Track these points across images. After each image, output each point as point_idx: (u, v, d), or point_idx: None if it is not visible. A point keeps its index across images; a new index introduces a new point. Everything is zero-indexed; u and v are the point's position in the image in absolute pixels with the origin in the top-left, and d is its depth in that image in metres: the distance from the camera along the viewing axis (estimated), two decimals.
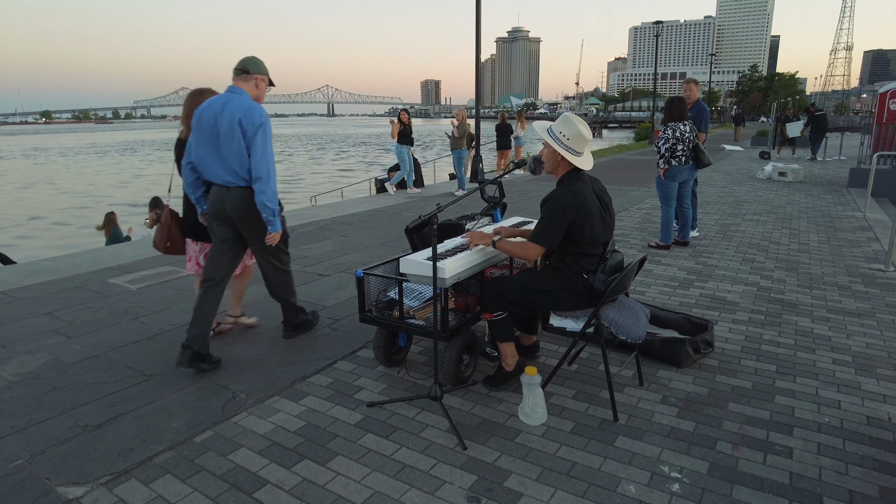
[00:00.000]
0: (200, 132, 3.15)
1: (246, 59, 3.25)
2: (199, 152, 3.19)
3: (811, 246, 6.23)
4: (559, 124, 2.69)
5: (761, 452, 2.47)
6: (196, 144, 3.19)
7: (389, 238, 6.84)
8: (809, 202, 9.29)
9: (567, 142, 2.64)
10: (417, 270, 2.70)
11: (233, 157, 3.11)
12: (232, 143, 3.07)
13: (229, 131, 3.06)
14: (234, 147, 3.08)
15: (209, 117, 3.11)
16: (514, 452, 2.46)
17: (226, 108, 3.07)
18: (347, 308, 4.32)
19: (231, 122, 3.05)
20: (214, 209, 3.25)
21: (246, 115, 3.05)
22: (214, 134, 3.10)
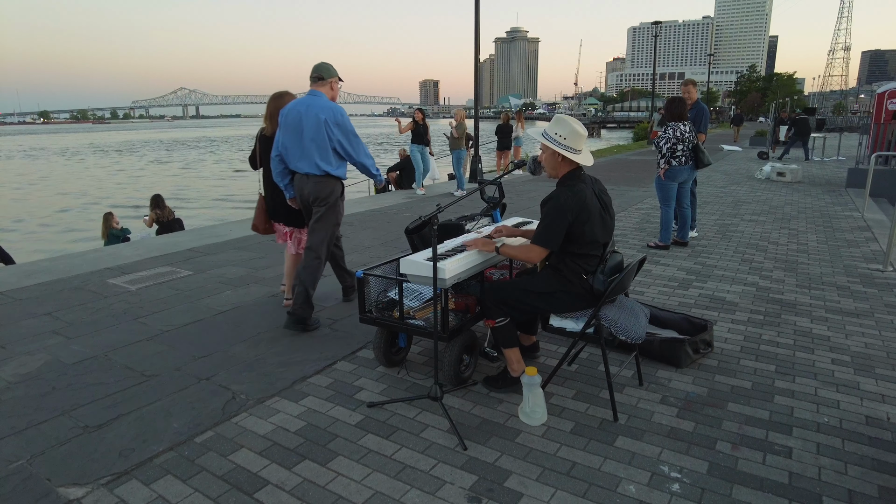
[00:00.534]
0: (287, 129, 3.69)
1: (319, 66, 3.75)
2: (285, 145, 3.72)
3: (810, 246, 6.24)
4: (553, 126, 2.69)
5: (761, 452, 2.47)
6: (283, 139, 3.72)
7: (389, 238, 6.84)
8: (808, 202, 9.31)
9: (564, 141, 2.65)
10: (417, 271, 2.70)
11: (314, 149, 3.64)
12: (316, 137, 3.61)
13: (314, 127, 3.60)
14: (318, 141, 3.62)
15: (294, 117, 3.63)
16: (514, 452, 2.46)
17: (310, 109, 3.61)
18: (347, 309, 4.32)
19: (317, 121, 3.59)
20: (298, 194, 3.84)
21: (329, 114, 3.62)
22: (299, 130, 3.63)
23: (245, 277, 5.17)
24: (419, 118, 10.44)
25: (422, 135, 10.41)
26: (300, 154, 3.67)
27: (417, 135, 10.42)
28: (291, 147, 3.69)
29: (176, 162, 43.91)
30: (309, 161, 3.67)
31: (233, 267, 5.53)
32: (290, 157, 3.72)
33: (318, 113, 3.60)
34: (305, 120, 3.60)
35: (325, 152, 3.66)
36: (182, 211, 10.98)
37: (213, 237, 6.92)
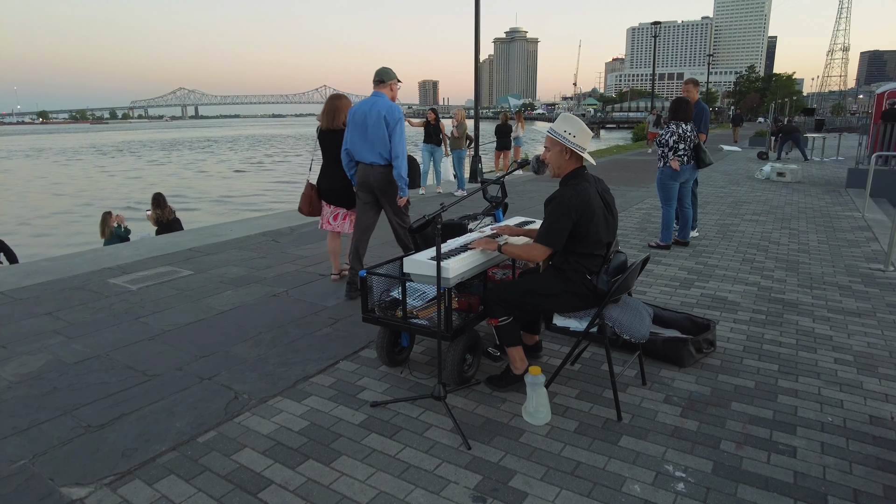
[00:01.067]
0: (353, 125, 4.29)
1: (381, 71, 4.32)
2: (352, 140, 4.32)
3: (811, 246, 6.24)
4: (562, 124, 2.69)
5: (765, 451, 2.47)
6: (350, 135, 4.33)
7: (389, 237, 6.82)
8: (808, 202, 9.31)
9: (574, 139, 2.65)
10: (421, 270, 2.70)
11: (378, 143, 4.23)
12: (378, 132, 4.19)
13: (376, 124, 4.18)
14: (380, 135, 4.20)
15: (360, 115, 4.24)
16: (518, 452, 2.46)
17: (373, 108, 4.20)
18: (349, 308, 4.31)
19: (378, 118, 4.17)
20: (361, 181, 4.39)
21: (389, 113, 4.18)
22: (364, 126, 4.23)
23: (246, 277, 5.16)
24: (431, 118, 10.41)
25: (433, 135, 10.38)
26: (366, 147, 4.28)
27: (429, 135, 10.39)
28: (358, 141, 4.30)
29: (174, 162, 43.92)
30: (373, 152, 4.27)
31: (233, 267, 5.52)
32: (357, 150, 4.34)
33: (379, 110, 4.20)
34: (369, 118, 4.21)
35: (385, 144, 4.24)
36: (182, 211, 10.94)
37: (213, 237, 6.91)
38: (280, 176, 32.54)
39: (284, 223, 7.77)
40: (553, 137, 2.68)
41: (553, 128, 2.70)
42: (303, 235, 7.03)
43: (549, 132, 2.69)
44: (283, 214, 8.80)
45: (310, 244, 6.53)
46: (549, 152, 2.73)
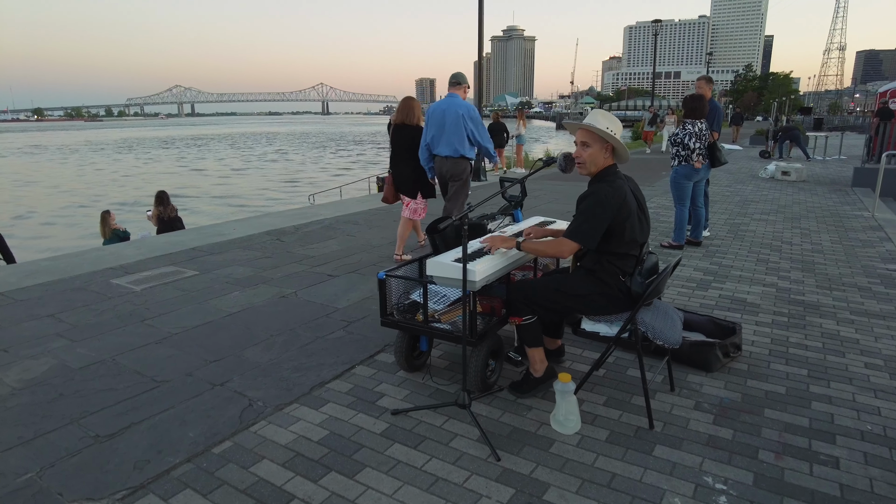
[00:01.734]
0: (432, 123, 5.01)
1: (457, 74, 5.16)
2: (432, 136, 5.04)
3: (824, 246, 6.15)
4: (603, 120, 2.56)
5: (806, 462, 2.37)
6: (429, 132, 5.05)
7: (397, 237, 6.71)
8: (815, 201, 9.23)
9: (615, 136, 2.54)
10: (445, 273, 2.59)
11: (455, 138, 4.95)
12: (456, 129, 4.91)
13: (455, 121, 4.91)
14: (458, 132, 4.92)
15: (439, 114, 4.97)
16: (550, 463, 2.35)
17: (450, 107, 4.94)
18: (361, 310, 4.20)
19: (457, 116, 4.90)
20: (439, 172, 5.18)
21: (467, 112, 4.94)
22: (441, 124, 4.96)
23: (252, 278, 5.04)
24: None
25: None
26: (442, 142, 5.00)
27: None
28: (436, 136, 5.02)
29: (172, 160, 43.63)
30: (449, 146, 4.99)
31: (239, 267, 5.40)
32: (435, 144, 5.06)
33: (456, 110, 4.92)
34: (447, 116, 4.92)
35: (461, 139, 4.96)
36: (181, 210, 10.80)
37: (216, 236, 6.78)
38: (279, 174, 32.38)
39: (288, 222, 7.65)
40: (595, 133, 2.57)
41: (593, 124, 2.57)
42: (308, 234, 6.91)
43: (592, 128, 2.57)
44: (286, 213, 8.68)
45: (315, 243, 6.41)
46: (589, 149, 2.59)
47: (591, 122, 2.58)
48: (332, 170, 34.30)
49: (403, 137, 5.30)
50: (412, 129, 5.28)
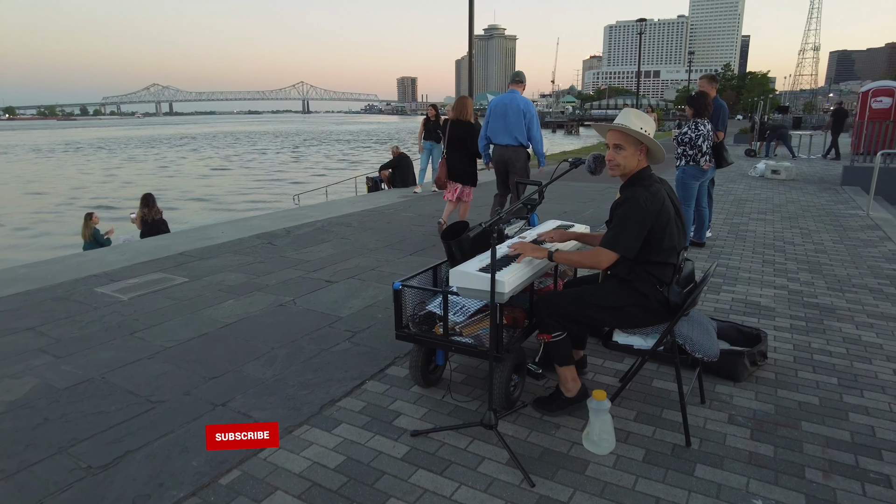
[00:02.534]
0: (495, 116, 5.61)
1: (518, 73, 5.82)
2: (493, 128, 5.66)
3: (826, 246, 6.10)
4: (637, 120, 2.41)
5: (857, 481, 2.24)
6: (492, 123, 5.65)
7: (394, 240, 6.51)
8: (809, 200, 9.23)
9: (651, 136, 2.39)
10: (471, 283, 2.40)
11: (515, 129, 5.54)
12: (519, 121, 5.50)
13: (516, 114, 5.51)
14: (518, 124, 5.50)
15: (501, 107, 5.59)
16: (588, 488, 2.18)
17: (512, 102, 5.57)
18: (365, 319, 3.99)
19: (517, 110, 5.51)
20: (497, 159, 5.79)
21: (527, 107, 5.55)
22: (503, 115, 5.56)
23: (246, 285, 4.80)
24: (432, 115, 10.09)
25: (432, 131, 10.05)
26: (504, 132, 5.60)
27: (429, 131, 10.06)
28: (497, 127, 5.62)
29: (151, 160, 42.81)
30: (510, 136, 5.59)
31: (231, 273, 5.16)
32: (495, 134, 5.66)
33: (518, 104, 5.57)
34: (509, 109, 5.56)
35: (521, 130, 5.56)
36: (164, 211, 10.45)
37: (204, 240, 6.51)
38: (262, 174, 31.88)
39: (278, 224, 7.39)
40: (630, 135, 2.41)
41: (626, 125, 2.41)
42: (300, 238, 6.67)
43: (625, 129, 2.41)
44: (276, 215, 8.42)
45: (309, 247, 6.18)
46: (623, 152, 2.43)
47: (625, 123, 2.42)
48: (317, 169, 33.88)
49: (458, 131, 6.24)
50: (465, 124, 6.24)
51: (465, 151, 6.25)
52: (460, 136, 6.21)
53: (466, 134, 6.17)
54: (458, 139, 6.23)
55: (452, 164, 6.39)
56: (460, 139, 6.21)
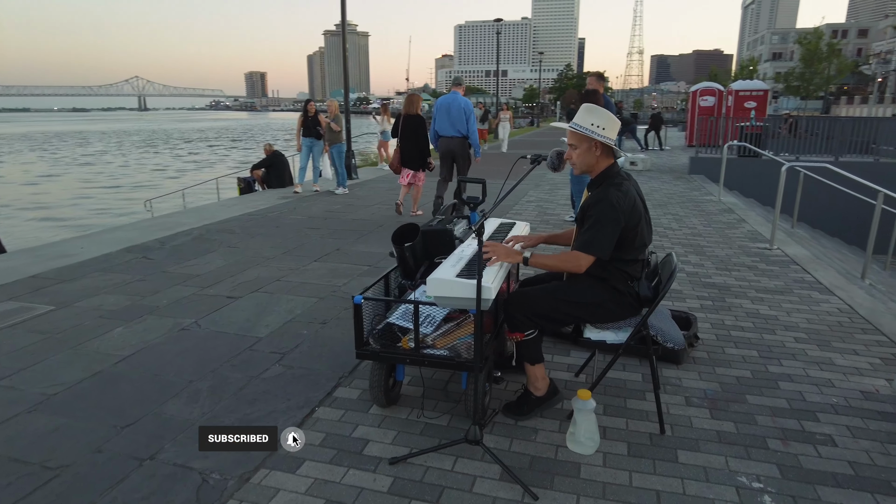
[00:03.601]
0: (440, 112, 6.76)
1: (458, 77, 7.35)
2: (439, 122, 6.78)
3: (700, 230, 6.76)
4: (588, 116, 2.39)
5: (810, 444, 2.44)
6: (437, 119, 6.78)
7: (289, 246, 6.03)
8: (669, 188, 10.23)
9: (603, 132, 2.37)
10: (453, 292, 2.22)
11: (458, 123, 6.70)
12: (460, 116, 6.67)
13: (458, 111, 6.67)
14: (461, 119, 6.66)
15: (445, 105, 6.74)
16: (589, 492, 2.13)
17: (455, 101, 6.75)
18: (289, 337, 3.60)
19: (459, 108, 6.68)
20: (444, 148, 6.90)
21: (466, 105, 6.73)
22: (447, 112, 6.73)
23: (132, 308, 4.12)
24: (311, 110, 9.49)
25: (312, 128, 9.46)
26: (449, 126, 6.81)
27: (307, 128, 9.45)
28: (443, 122, 6.81)
29: None
30: (454, 129, 6.79)
31: (109, 295, 4.40)
32: (442, 128, 6.86)
33: (459, 103, 6.78)
34: (452, 107, 6.77)
35: (462, 124, 6.78)
36: None
37: (59, 258, 5.50)
38: (101, 178, 28.26)
39: (148, 235, 6.50)
40: (579, 133, 2.38)
41: (577, 122, 2.39)
42: (178, 249, 5.92)
43: (574, 127, 2.38)
44: (142, 224, 7.41)
45: (192, 259, 5.49)
46: (576, 150, 2.42)
47: (576, 121, 2.41)
48: (169, 171, 30.84)
49: (410, 123, 7.08)
50: (416, 117, 7.09)
51: (416, 141, 7.10)
52: (412, 129, 7.06)
53: (417, 126, 7.06)
54: (410, 131, 7.07)
55: (406, 152, 7.18)
56: (413, 131, 7.06)
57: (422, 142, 7.08)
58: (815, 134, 13.52)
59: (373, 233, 6.62)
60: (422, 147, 7.10)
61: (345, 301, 4.24)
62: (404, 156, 7.19)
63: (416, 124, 7.03)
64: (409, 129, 7.03)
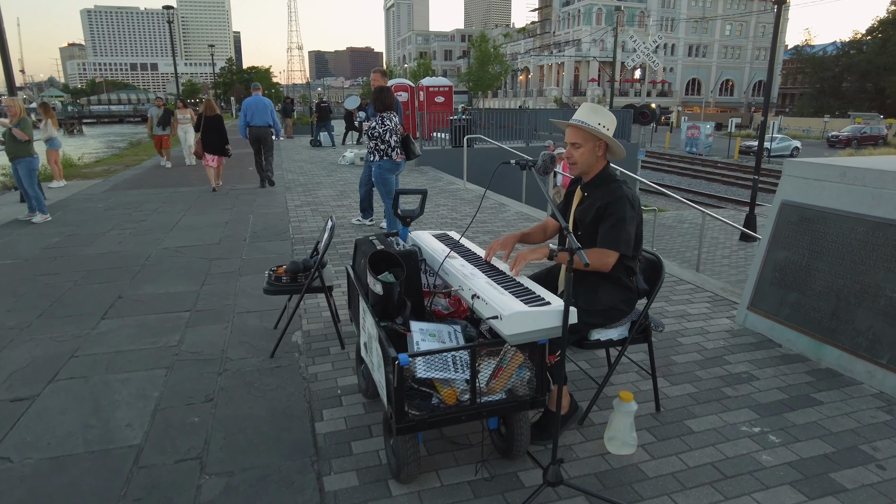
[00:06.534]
0: (250, 109, 9.31)
1: (257, 83, 10.23)
2: (250, 116, 9.32)
3: (480, 217, 7.37)
4: (594, 115, 2.38)
5: (745, 383, 2.97)
6: (249, 112, 9.29)
7: (37, 305, 4.28)
8: (415, 179, 10.79)
9: (609, 133, 2.38)
10: (536, 324, 1.93)
11: (265, 116, 9.41)
12: (266, 111, 9.40)
13: (264, 108, 9.40)
14: (266, 113, 9.40)
15: (254, 103, 9.33)
16: (670, 487, 2.19)
17: (260, 100, 9.42)
18: (181, 434, 2.61)
19: (265, 105, 9.44)
20: (256, 136, 9.45)
21: (269, 103, 9.52)
22: (256, 108, 9.34)
23: None
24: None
25: None
26: (259, 118, 9.31)
27: None
28: (256, 116, 9.30)
29: None
30: (262, 120, 9.35)
31: None
32: (252, 119, 9.29)
33: (264, 101, 9.41)
34: (258, 104, 9.31)
35: (268, 117, 9.41)
36: None
37: None
38: None
39: None
40: (587, 131, 2.35)
41: (584, 120, 2.35)
42: None
43: (583, 125, 2.34)
44: None
45: None
46: (580, 149, 2.37)
47: (583, 119, 2.38)
48: None
49: (212, 121, 9.34)
50: (216, 116, 9.39)
51: (218, 134, 9.34)
52: (215, 125, 9.38)
53: (218, 123, 9.41)
54: (213, 127, 9.37)
55: (209, 143, 9.34)
56: (215, 127, 9.38)
57: (222, 134, 9.35)
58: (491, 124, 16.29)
59: (145, 268, 5.22)
60: (222, 138, 9.37)
61: (207, 363, 3.29)
62: (208, 145, 9.35)
63: (217, 122, 9.39)
64: (212, 126, 9.37)
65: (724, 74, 68.88)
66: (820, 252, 3.28)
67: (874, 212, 3.04)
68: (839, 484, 2.21)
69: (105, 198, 9.22)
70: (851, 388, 2.93)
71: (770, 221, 3.64)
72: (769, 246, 3.61)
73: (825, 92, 57.26)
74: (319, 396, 2.89)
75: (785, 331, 3.44)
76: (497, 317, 1.93)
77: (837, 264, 3.18)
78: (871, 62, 51.91)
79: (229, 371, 3.18)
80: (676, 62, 66.56)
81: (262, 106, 9.30)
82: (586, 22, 63.61)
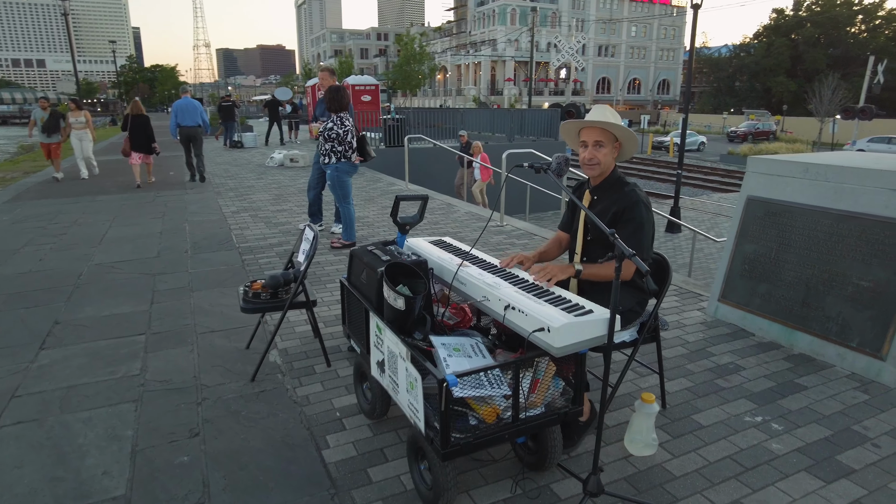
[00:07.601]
0: (181, 111, 10.04)
1: (186, 86, 11.43)
2: (181, 117, 10.04)
3: (433, 218, 7.28)
4: (612, 115, 2.37)
5: (734, 374, 3.09)
6: (179, 115, 10.02)
7: None
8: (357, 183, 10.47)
9: None
10: (583, 335, 1.87)
11: (196, 117, 10.17)
12: (196, 112, 10.17)
13: (193, 108, 10.14)
14: (196, 113, 10.18)
15: (184, 105, 10.07)
16: (699, 485, 2.22)
17: (190, 102, 10.19)
18: (170, 477, 2.34)
19: (195, 106, 10.22)
20: (186, 135, 10.17)
21: (198, 105, 10.42)
22: (187, 110, 10.09)
23: None
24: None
25: None
26: (189, 119, 10.04)
27: None
28: (186, 117, 10.01)
29: None
30: (193, 120, 10.07)
31: None
32: (183, 120, 9.99)
33: (194, 103, 10.17)
34: (188, 106, 10.04)
35: (199, 117, 10.16)
36: None
37: None
38: None
39: None
40: (612, 132, 2.34)
41: (612, 121, 2.33)
42: None
43: (611, 126, 2.33)
44: None
45: None
46: (604, 149, 2.35)
47: (610, 119, 2.36)
48: None
49: (139, 120, 9.73)
50: (143, 116, 9.79)
51: (145, 133, 9.75)
52: (142, 125, 9.73)
53: (145, 123, 9.78)
54: (140, 127, 9.72)
55: (137, 142, 9.68)
56: (142, 126, 9.73)
57: (149, 133, 9.78)
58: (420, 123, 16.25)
59: (79, 287, 4.69)
60: (149, 136, 9.80)
61: (181, 393, 2.99)
62: (136, 144, 9.72)
63: (144, 122, 9.77)
64: (139, 125, 9.75)
65: (632, 73, 72.74)
66: (788, 244, 3.47)
67: (838, 205, 3.25)
68: (847, 466, 2.33)
69: (8, 209, 8.26)
70: (827, 371, 3.12)
71: (736, 216, 3.81)
72: (737, 240, 3.78)
73: (722, 91, 61.96)
74: (318, 421, 2.70)
75: (756, 320, 3.61)
76: (545, 329, 1.85)
77: (805, 255, 3.37)
78: (759, 64, 56.75)
79: (209, 400, 2.91)
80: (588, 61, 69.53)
81: (192, 107, 10.01)
82: (501, 22, 65.00)
